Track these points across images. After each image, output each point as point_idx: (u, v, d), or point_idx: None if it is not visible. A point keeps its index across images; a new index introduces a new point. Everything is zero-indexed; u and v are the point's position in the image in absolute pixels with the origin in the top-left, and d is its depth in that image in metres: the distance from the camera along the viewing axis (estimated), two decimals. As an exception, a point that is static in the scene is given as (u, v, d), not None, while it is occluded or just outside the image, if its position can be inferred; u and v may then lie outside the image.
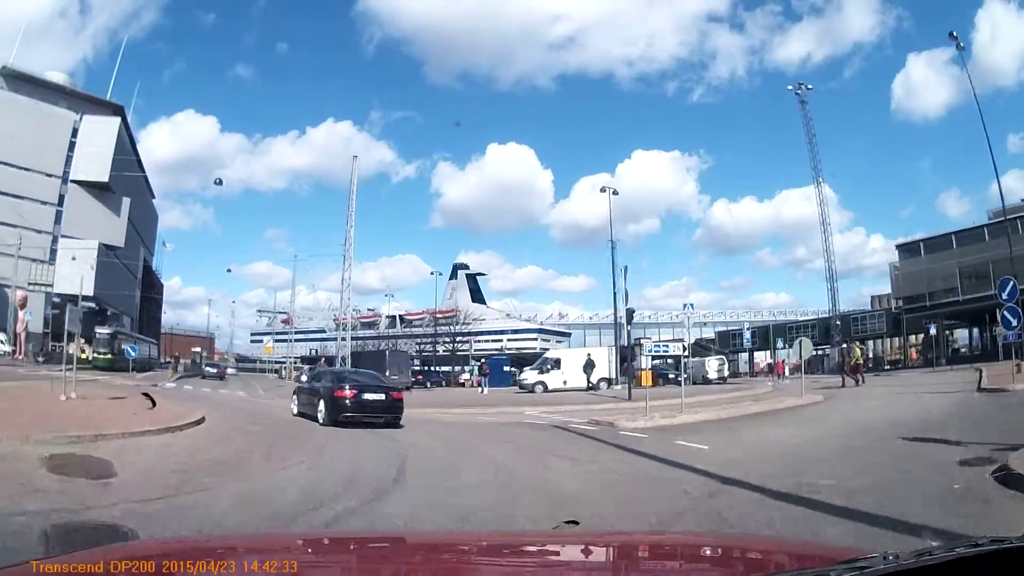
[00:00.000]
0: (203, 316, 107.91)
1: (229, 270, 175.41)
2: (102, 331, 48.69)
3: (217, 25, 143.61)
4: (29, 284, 49.23)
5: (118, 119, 74.55)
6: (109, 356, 46.19)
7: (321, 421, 15.94)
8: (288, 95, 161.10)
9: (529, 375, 39.30)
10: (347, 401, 15.64)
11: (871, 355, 62.10)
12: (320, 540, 3.45)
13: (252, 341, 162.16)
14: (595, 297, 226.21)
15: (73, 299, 57.67)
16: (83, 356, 50.22)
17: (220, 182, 39.74)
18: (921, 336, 58.46)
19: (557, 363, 37.79)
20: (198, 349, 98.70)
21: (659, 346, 18.40)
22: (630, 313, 28.49)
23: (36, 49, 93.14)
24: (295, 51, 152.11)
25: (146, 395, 18.14)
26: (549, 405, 25.06)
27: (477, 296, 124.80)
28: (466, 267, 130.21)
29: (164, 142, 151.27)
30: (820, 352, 58.91)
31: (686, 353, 19.66)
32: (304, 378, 28.22)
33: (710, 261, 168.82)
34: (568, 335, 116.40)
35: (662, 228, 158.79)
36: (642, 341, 18.60)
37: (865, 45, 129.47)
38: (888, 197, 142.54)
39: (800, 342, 25.61)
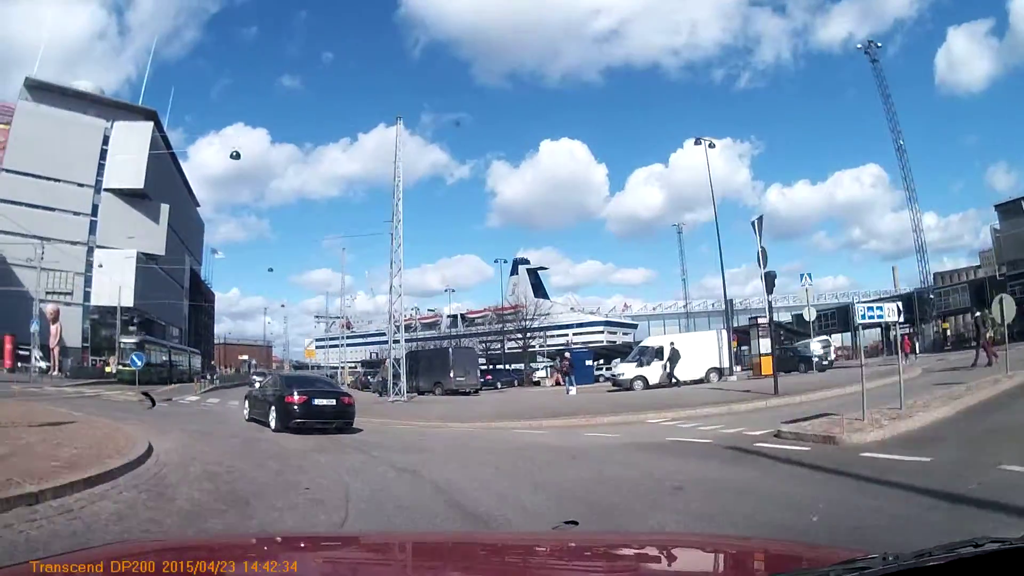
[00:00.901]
0: (266, 328, 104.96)
1: (271, 270, 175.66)
2: (127, 341, 44.83)
3: (260, 38, 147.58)
4: (48, 294, 44.63)
5: (150, 124, 71.09)
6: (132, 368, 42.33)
7: (273, 427, 15.42)
8: (337, 103, 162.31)
9: (625, 369, 32.25)
10: (296, 407, 15.12)
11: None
12: (320, 540, 3.22)
13: (308, 358, 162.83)
14: (656, 288, 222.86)
15: (111, 311, 54.85)
16: (108, 369, 46.61)
17: (237, 155, 32.77)
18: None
19: (659, 353, 30.47)
20: (245, 357, 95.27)
21: (872, 309, 11.68)
22: (771, 279, 20.86)
23: (77, 70, 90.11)
24: (341, 59, 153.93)
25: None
26: (673, 408, 18.60)
27: (539, 291, 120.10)
28: (527, 262, 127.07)
29: (215, 156, 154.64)
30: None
31: (900, 319, 12.97)
32: (257, 384, 25.88)
33: (767, 247, 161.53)
34: (634, 326, 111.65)
35: (719, 215, 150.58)
36: (856, 305, 11.90)
37: (906, 21, 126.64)
38: (938, 174, 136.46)
39: (1001, 301, 18.41)
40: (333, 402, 15.90)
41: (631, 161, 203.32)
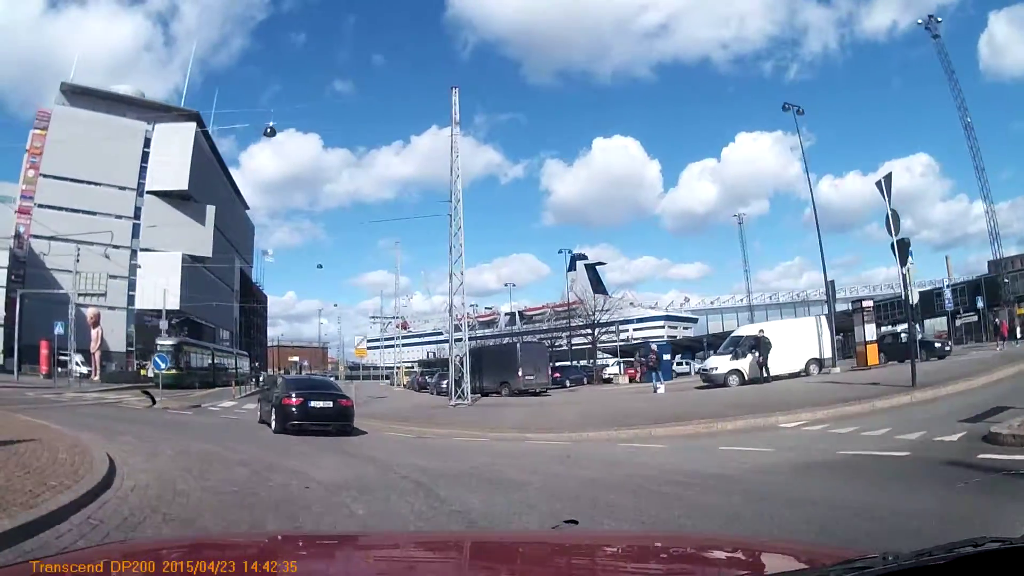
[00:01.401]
0: (322, 329, 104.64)
1: (319, 266, 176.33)
2: (164, 343, 41.79)
3: (309, 44, 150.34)
4: (79, 296, 41.98)
5: (193, 124, 68.81)
6: (174, 371, 38.74)
7: (273, 429, 15.26)
8: (388, 106, 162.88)
9: (718, 362, 27.44)
10: (293, 409, 14.99)
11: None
12: (320, 540, 3.16)
13: (368, 348, 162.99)
14: (712, 283, 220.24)
15: (156, 314, 52.55)
16: (143, 373, 43.85)
17: (272, 132, 28.87)
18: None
19: (756, 343, 25.64)
20: (295, 359, 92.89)
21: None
22: (903, 248, 16.34)
23: (124, 80, 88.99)
24: (391, 63, 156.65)
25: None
26: (803, 408, 14.66)
27: (598, 287, 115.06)
28: (584, 257, 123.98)
29: (268, 163, 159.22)
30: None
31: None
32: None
33: (824, 238, 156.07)
34: (694, 320, 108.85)
35: (771, 209, 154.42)
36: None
37: (948, 7, 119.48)
38: (986, 161, 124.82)
39: None
40: (330, 404, 15.51)
41: (683, 156, 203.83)
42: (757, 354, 25.17)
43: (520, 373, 32.01)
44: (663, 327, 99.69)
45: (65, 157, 58.50)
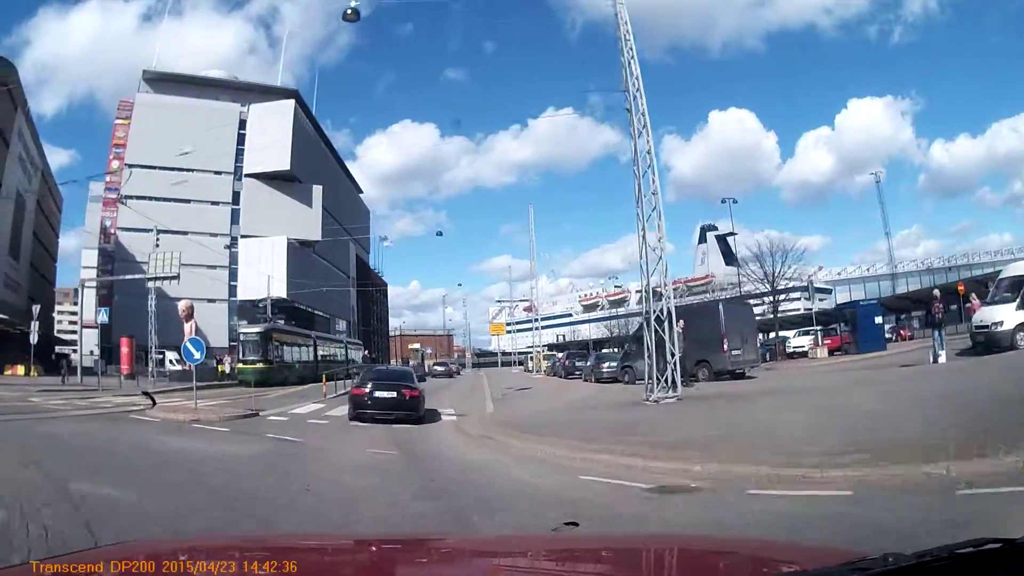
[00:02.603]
0: (446, 317, 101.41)
1: (439, 233, 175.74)
2: (248, 331, 35.31)
3: (417, 34, 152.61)
4: (150, 281, 36.39)
5: (291, 102, 63.56)
6: (260, 364, 32.65)
7: (348, 417, 15.40)
8: (503, 90, 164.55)
9: (1002, 313, 17.60)
10: (360, 398, 15.44)
11: None
12: (320, 540, 3.27)
13: (492, 334, 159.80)
14: (831, 254, 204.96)
15: (260, 304, 47.12)
16: (221, 369, 38.05)
17: (355, 14, 20.13)
18: None
19: None
20: (416, 346, 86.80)
21: None
22: None
23: None
24: (502, 47, 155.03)
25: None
26: None
27: (730, 258, 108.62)
28: (714, 228, 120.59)
29: (385, 154, 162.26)
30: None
31: None
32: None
33: (936, 206, 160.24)
34: (829, 291, 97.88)
35: (888, 177, 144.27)
36: None
37: None
38: None
39: None
40: (393, 394, 15.33)
41: (798, 126, 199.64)
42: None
43: (725, 346, 22.01)
44: (799, 299, 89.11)
45: (152, 146, 54.36)
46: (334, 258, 71.89)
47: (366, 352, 54.02)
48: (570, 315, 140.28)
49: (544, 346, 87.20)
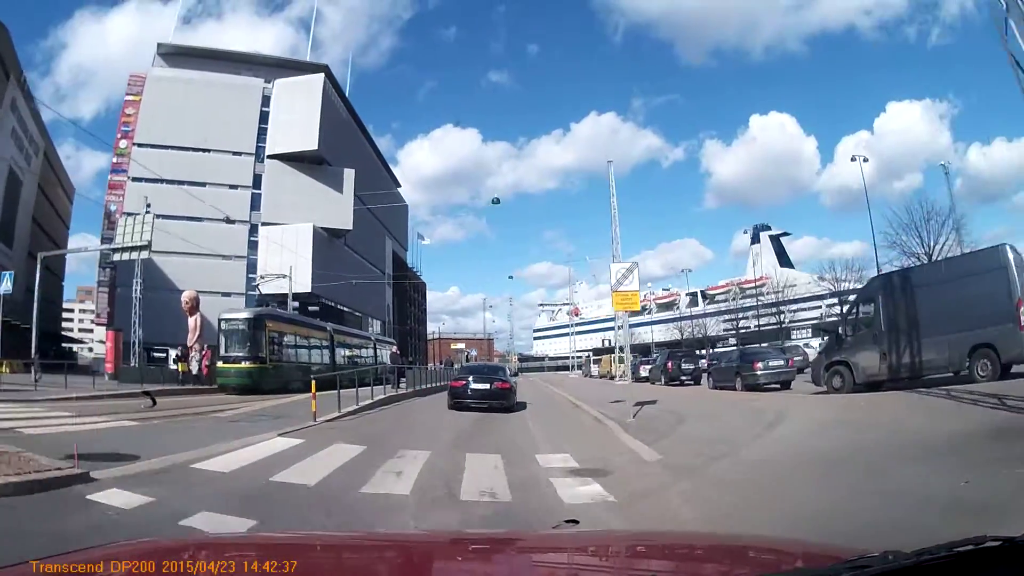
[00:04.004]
0: (484, 321, 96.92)
1: (496, 201, 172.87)
2: (232, 317, 25.69)
3: (460, 38, 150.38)
4: (116, 252, 30.17)
5: (321, 76, 57.40)
6: (247, 364, 24.21)
7: (448, 406, 17.44)
8: (545, 95, 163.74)
9: None
10: (457, 389, 17.72)
11: None
12: (320, 540, 3.07)
13: (535, 338, 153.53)
14: (870, 260, 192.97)
15: (282, 299, 39.95)
16: (182, 368, 28.15)
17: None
18: None
19: None
20: (461, 346, 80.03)
21: None
22: None
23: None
24: (545, 51, 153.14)
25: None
26: None
27: (784, 260, 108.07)
28: (768, 228, 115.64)
29: (426, 159, 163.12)
30: None
31: None
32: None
33: (972, 211, 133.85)
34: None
35: (925, 182, 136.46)
36: None
37: None
38: None
39: None
40: (488, 386, 17.41)
41: (837, 130, 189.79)
42: None
43: None
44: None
45: (165, 124, 48.61)
46: (368, 252, 65.52)
47: (395, 350, 43.41)
48: (614, 318, 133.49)
49: (589, 351, 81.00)
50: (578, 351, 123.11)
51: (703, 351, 39.33)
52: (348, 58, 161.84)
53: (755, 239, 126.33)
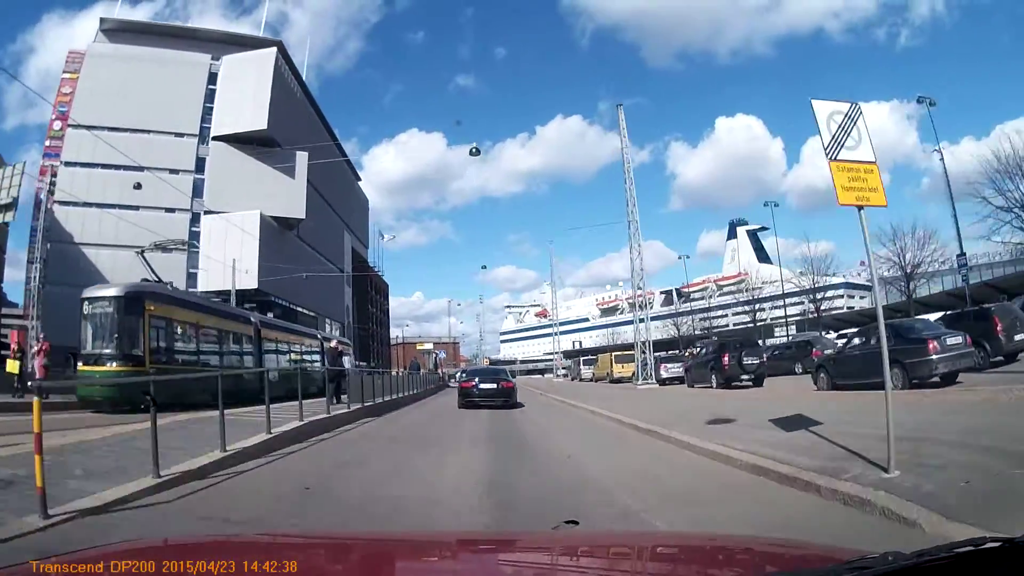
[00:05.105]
0: (449, 326, 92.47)
1: (475, 151, 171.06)
2: (95, 295, 17.64)
3: (428, 42, 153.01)
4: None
5: (273, 50, 52.24)
6: (118, 367, 16.39)
7: (457, 406, 19.40)
8: (511, 98, 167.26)
9: None
10: (470, 390, 19.77)
11: None
12: (320, 540, 2.99)
13: (502, 342, 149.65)
14: (836, 261, 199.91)
15: (224, 296, 35.26)
16: (11, 370, 18.63)
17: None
18: None
19: None
20: (428, 347, 75.25)
21: None
22: None
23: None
24: (511, 54, 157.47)
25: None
26: None
27: (762, 255, 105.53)
28: (745, 222, 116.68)
29: (392, 164, 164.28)
30: None
31: None
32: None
33: (942, 211, 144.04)
34: (868, 288, 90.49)
35: (892, 182, 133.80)
36: None
37: None
38: None
39: None
40: (494, 386, 19.72)
41: (803, 131, 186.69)
42: None
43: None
44: (842, 296, 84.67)
45: (102, 104, 43.47)
46: (324, 247, 60.22)
47: (334, 344, 24.60)
48: (587, 319, 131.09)
49: (559, 353, 77.36)
50: (547, 353, 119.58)
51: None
52: (306, 40, 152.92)
53: (731, 234, 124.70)
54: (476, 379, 20.49)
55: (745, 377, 21.98)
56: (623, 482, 6.88)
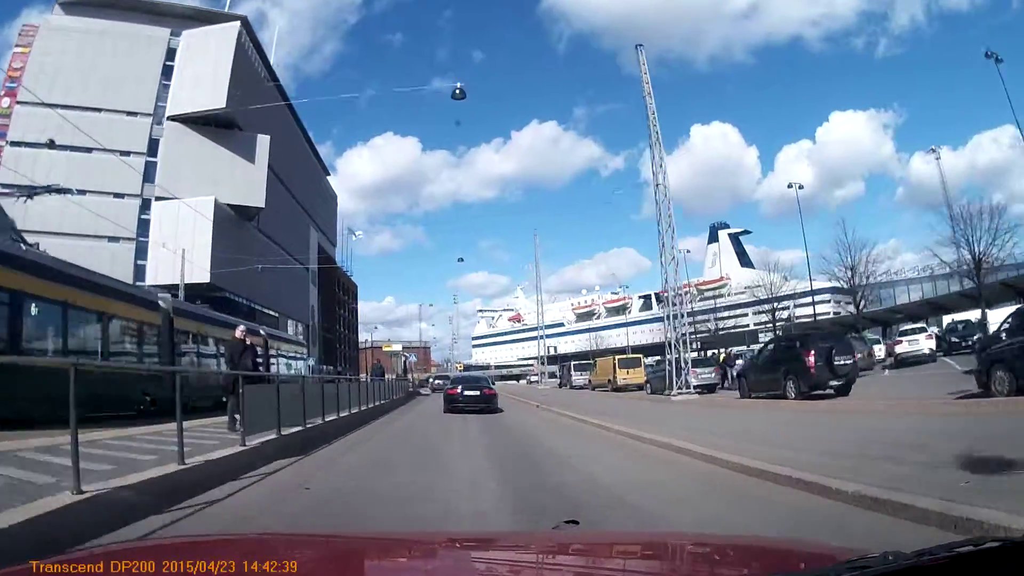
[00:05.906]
0: (420, 332, 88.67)
1: (455, 120, 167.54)
2: None
3: (406, 44, 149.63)
4: None
5: (236, 24, 48.45)
6: None
7: (443, 410, 21.39)
8: (487, 103, 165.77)
9: None
10: (455, 396, 21.63)
11: None
12: (320, 540, 2.89)
13: (474, 346, 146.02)
14: (816, 267, 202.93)
15: (172, 290, 31.05)
16: None
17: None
18: None
19: None
20: (397, 348, 71.47)
21: None
22: None
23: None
24: (488, 58, 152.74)
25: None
26: None
27: (744, 259, 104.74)
28: (726, 226, 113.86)
29: (365, 167, 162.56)
30: None
31: None
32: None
33: (916, 220, 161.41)
34: (854, 293, 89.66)
35: (867, 190, 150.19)
36: None
37: None
38: None
39: None
40: (478, 393, 21.58)
41: (779, 140, 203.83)
42: None
43: None
44: (829, 302, 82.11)
45: (54, 80, 39.66)
46: (287, 242, 56.13)
47: (237, 334, 12.46)
48: (562, 324, 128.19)
49: (532, 359, 74.12)
50: (521, 358, 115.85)
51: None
52: (274, 27, 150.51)
53: (712, 238, 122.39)
54: (460, 387, 22.26)
55: (835, 383, 17.24)
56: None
